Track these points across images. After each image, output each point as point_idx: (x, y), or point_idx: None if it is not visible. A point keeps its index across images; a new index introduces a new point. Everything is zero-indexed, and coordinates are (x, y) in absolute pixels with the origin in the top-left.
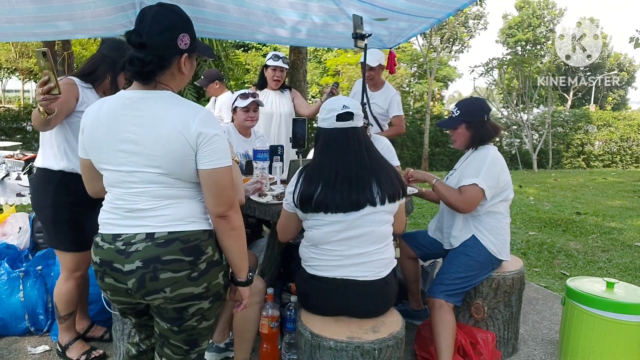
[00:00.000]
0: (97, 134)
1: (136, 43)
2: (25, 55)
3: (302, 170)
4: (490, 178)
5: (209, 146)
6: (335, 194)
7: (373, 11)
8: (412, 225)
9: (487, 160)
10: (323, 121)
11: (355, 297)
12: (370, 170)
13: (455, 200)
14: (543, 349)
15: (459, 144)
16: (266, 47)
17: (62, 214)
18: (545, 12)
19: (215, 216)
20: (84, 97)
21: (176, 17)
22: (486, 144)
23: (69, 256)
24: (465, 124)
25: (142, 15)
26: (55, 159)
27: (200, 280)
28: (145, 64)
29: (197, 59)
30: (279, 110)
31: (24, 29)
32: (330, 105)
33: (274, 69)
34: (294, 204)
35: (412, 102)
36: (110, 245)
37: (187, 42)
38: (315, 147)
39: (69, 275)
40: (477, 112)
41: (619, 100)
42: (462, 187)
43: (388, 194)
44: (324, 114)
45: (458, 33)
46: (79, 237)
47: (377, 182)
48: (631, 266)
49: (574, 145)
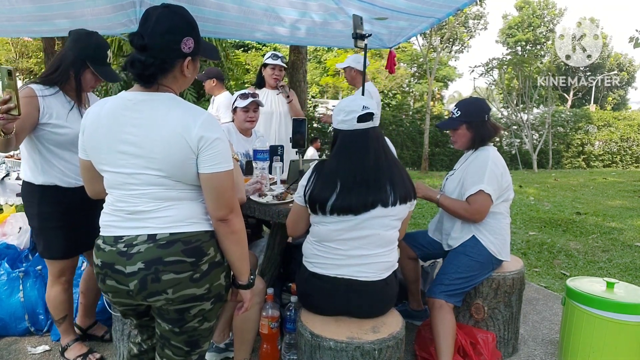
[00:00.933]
0: (97, 135)
1: (138, 45)
2: (25, 55)
3: (318, 168)
4: (494, 181)
5: (210, 150)
6: (352, 197)
7: (373, 10)
8: (412, 225)
9: (488, 163)
10: (343, 123)
11: (355, 297)
12: (386, 171)
13: (465, 212)
14: (543, 349)
15: (459, 144)
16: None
17: (48, 223)
18: (545, 12)
19: (216, 220)
20: (45, 107)
21: (181, 19)
22: (486, 144)
23: (54, 263)
24: (466, 124)
25: (146, 16)
26: (33, 173)
27: (202, 282)
28: (147, 66)
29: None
30: (279, 109)
31: (24, 27)
32: (349, 107)
33: (272, 67)
34: (305, 202)
35: (412, 102)
36: (111, 247)
37: (191, 45)
38: (333, 148)
39: (54, 281)
40: (477, 112)
41: (619, 100)
42: (470, 197)
43: (400, 195)
44: (342, 116)
45: (458, 33)
46: (64, 245)
47: (391, 183)
48: (631, 266)
49: (574, 145)
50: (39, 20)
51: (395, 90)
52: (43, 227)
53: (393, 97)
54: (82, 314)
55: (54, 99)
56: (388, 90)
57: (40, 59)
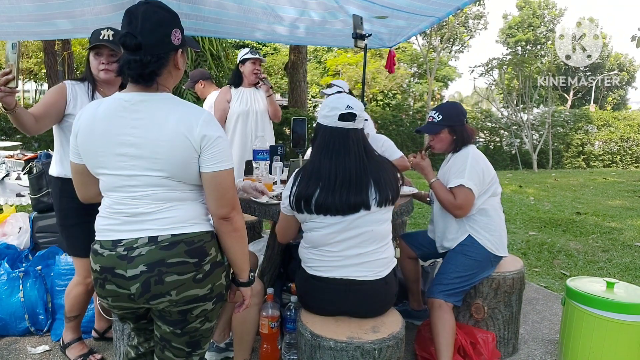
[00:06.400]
0: (93, 138)
1: (132, 45)
2: (25, 55)
3: (299, 172)
4: (475, 176)
5: (212, 149)
6: (335, 196)
7: (373, 9)
8: (412, 225)
9: (468, 160)
10: (325, 118)
11: (355, 297)
12: (368, 172)
13: (450, 204)
14: (543, 349)
15: (439, 148)
16: (266, 47)
17: (68, 220)
18: (546, 12)
19: (218, 218)
20: (71, 97)
21: (165, 12)
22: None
23: (81, 261)
24: (448, 128)
25: (130, 15)
26: (55, 165)
27: (205, 282)
28: (145, 65)
29: (196, 59)
30: (255, 107)
31: (24, 28)
32: (334, 104)
33: (253, 62)
34: (291, 207)
35: (412, 102)
36: (110, 251)
37: (180, 36)
38: (314, 143)
39: (80, 281)
40: (457, 115)
41: (619, 100)
42: (452, 189)
43: (386, 197)
44: (326, 111)
45: (458, 33)
46: (85, 242)
47: (375, 184)
48: (631, 266)
49: (574, 145)
50: (38, 20)
51: (395, 90)
52: (64, 225)
53: (393, 97)
54: (100, 318)
55: (82, 90)
56: (388, 90)
57: (40, 59)
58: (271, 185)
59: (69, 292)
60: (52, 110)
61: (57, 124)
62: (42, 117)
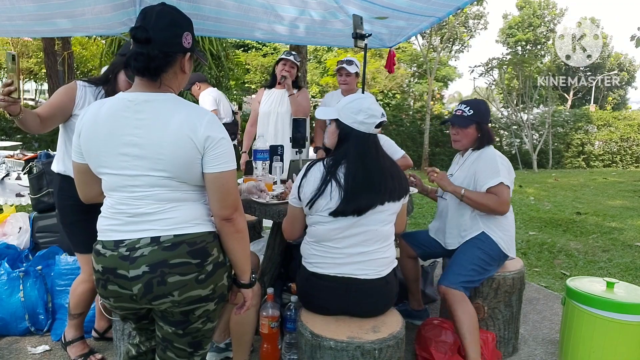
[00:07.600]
0: (97, 137)
1: (142, 38)
2: (25, 55)
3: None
4: (507, 173)
5: (215, 150)
6: (360, 200)
7: (373, 9)
8: (412, 225)
9: (497, 159)
10: (361, 124)
11: (355, 296)
12: (386, 172)
13: (494, 203)
14: (543, 349)
15: (462, 144)
16: (266, 47)
17: (67, 217)
18: (546, 12)
19: (220, 219)
20: (80, 98)
21: (179, 15)
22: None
23: (85, 258)
24: (477, 124)
25: (145, 13)
26: (57, 161)
27: (207, 282)
28: (152, 59)
29: (196, 59)
30: (277, 109)
31: (24, 27)
32: (372, 110)
33: (284, 62)
34: (299, 199)
35: (412, 102)
36: (112, 252)
37: (190, 41)
38: (341, 147)
39: (86, 278)
40: (486, 113)
41: (619, 100)
42: (492, 189)
43: (397, 192)
44: (362, 117)
45: (458, 33)
46: (86, 239)
47: (391, 181)
48: (631, 266)
49: (574, 145)
50: (39, 19)
51: (395, 90)
52: (64, 222)
53: (393, 97)
54: (100, 317)
55: (91, 93)
56: (388, 90)
57: (40, 59)
58: (271, 185)
59: (74, 289)
60: (58, 112)
61: (66, 122)
62: (48, 118)
